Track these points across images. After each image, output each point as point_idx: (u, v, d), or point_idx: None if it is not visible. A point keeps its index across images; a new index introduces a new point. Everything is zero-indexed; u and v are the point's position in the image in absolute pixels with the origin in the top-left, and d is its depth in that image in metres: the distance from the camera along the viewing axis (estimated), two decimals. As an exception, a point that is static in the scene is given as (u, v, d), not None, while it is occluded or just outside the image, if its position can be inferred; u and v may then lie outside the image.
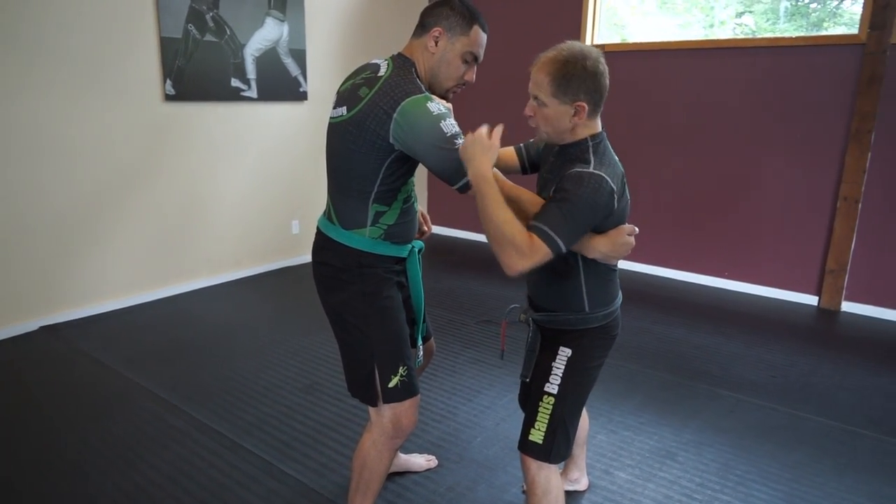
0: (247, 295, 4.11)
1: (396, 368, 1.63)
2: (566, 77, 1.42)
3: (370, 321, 1.63)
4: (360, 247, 1.62)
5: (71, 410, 2.61)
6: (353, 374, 1.68)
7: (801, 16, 4.37)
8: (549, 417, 1.57)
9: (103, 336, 3.37)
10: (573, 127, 1.49)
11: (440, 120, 1.46)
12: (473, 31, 1.57)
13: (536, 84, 1.47)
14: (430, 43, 1.58)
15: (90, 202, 3.57)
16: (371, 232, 1.62)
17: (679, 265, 4.53)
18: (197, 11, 3.84)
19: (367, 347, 1.64)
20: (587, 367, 1.61)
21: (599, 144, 1.51)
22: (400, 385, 1.63)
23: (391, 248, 1.65)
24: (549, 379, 1.59)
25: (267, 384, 2.86)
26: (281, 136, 4.54)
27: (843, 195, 3.81)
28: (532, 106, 1.51)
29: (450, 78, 1.61)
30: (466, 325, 3.59)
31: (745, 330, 3.60)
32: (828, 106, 3.84)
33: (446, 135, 1.45)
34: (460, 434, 2.48)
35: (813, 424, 2.59)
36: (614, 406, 2.70)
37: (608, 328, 1.64)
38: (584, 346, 1.60)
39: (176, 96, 3.83)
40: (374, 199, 1.59)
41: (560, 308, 1.61)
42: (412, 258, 1.74)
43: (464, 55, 1.59)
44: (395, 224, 1.64)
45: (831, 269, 3.90)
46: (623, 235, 1.51)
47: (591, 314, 1.59)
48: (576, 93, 1.44)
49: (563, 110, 1.46)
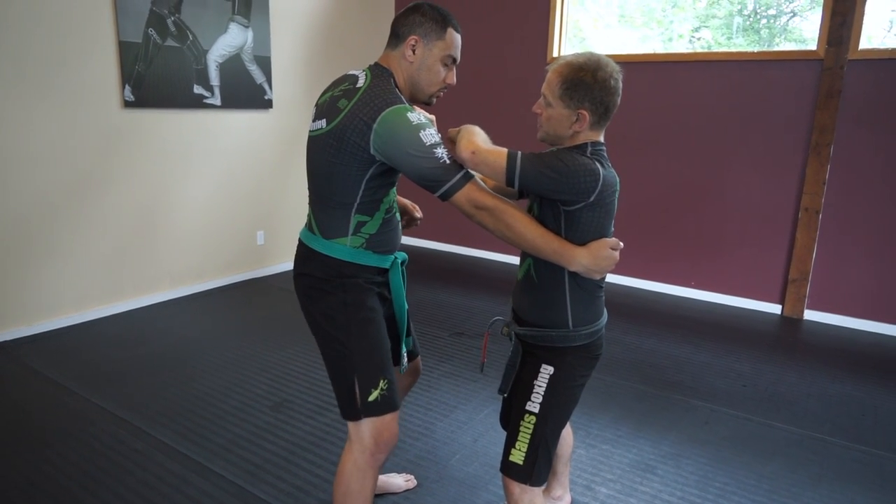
0: (211, 308, 3.97)
1: (377, 382, 1.59)
2: (574, 82, 1.43)
3: (351, 332, 1.59)
4: (341, 256, 1.60)
5: (23, 435, 2.45)
6: (338, 390, 1.63)
7: (754, 31, 4.49)
8: (531, 437, 1.54)
9: (58, 353, 3.20)
10: (573, 134, 1.48)
11: (420, 129, 1.45)
12: (448, 34, 1.58)
13: (547, 83, 1.49)
14: (408, 52, 1.58)
15: (43, 212, 3.40)
16: (352, 241, 1.60)
17: (646, 275, 4.58)
18: (158, 15, 3.71)
19: (348, 359, 1.60)
20: (569, 386, 1.58)
21: (598, 151, 1.49)
22: (380, 399, 1.59)
23: (373, 257, 1.63)
24: (530, 397, 1.56)
25: (235, 403, 2.75)
26: (246, 145, 4.42)
27: (804, 206, 3.91)
28: (540, 104, 1.52)
29: (431, 83, 1.62)
30: (440, 338, 3.54)
31: (713, 339, 3.65)
32: (788, 119, 3.94)
33: (426, 144, 1.44)
34: (438, 451, 2.42)
35: (784, 434, 2.62)
36: (592, 419, 2.68)
37: (591, 347, 1.61)
38: (566, 364, 1.57)
39: (135, 103, 3.69)
40: (356, 210, 1.58)
41: (543, 324, 1.58)
42: (395, 269, 1.71)
43: (443, 59, 1.59)
44: (378, 233, 1.62)
45: (794, 278, 4.00)
46: (606, 248, 1.46)
47: (575, 332, 1.56)
48: (581, 100, 1.44)
49: (566, 115, 1.46)
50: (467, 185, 1.45)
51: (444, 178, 1.45)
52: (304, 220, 1.65)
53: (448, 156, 1.47)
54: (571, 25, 4.85)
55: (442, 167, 1.45)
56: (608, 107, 1.46)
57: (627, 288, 4.58)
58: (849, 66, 3.71)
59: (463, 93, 5.26)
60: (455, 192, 1.45)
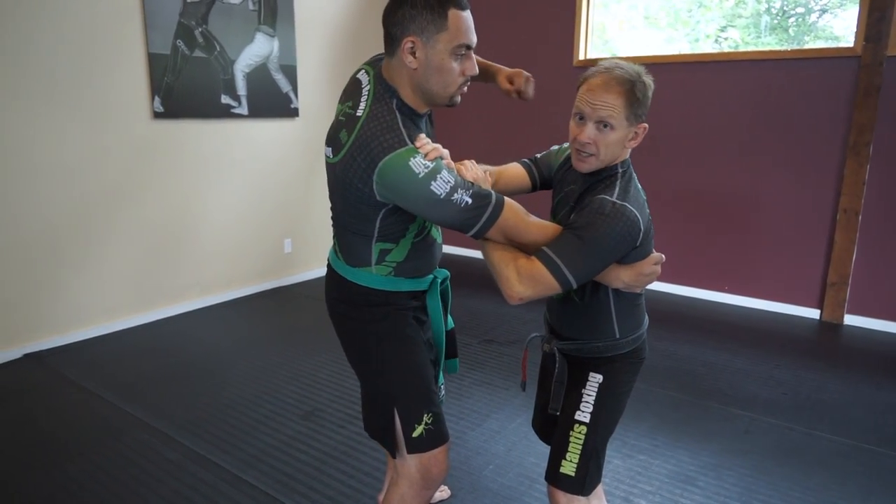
0: (240, 317, 3.99)
1: (420, 416, 1.46)
2: (638, 98, 1.33)
3: (386, 365, 1.47)
4: (368, 283, 1.46)
5: (57, 444, 2.47)
6: (373, 420, 1.53)
7: (782, 29, 4.39)
8: (582, 447, 1.48)
9: (90, 363, 3.23)
10: (622, 152, 1.40)
11: (429, 181, 1.23)
12: (451, 18, 1.27)
13: (607, 105, 1.32)
14: (407, 58, 1.30)
15: (76, 222, 3.44)
16: (377, 270, 1.46)
17: (678, 280, 4.49)
18: (186, 27, 3.75)
19: (386, 394, 1.48)
20: (618, 393, 1.53)
21: (627, 171, 1.43)
22: (425, 434, 1.45)
23: (405, 282, 1.49)
24: (580, 407, 1.50)
25: (266, 412, 2.74)
26: (272, 153, 4.44)
27: (842, 207, 3.80)
28: (591, 133, 1.34)
29: (447, 85, 1.34)
30: (470, 346, 3.49)
31: (750, 345, 3.55)
32: (823, 118, 3.83)
33: (440, 196, 1.24)
34: (471, 462, 2.38)
35: (829, 444, 2.53)
36: (627, 428, 2.61)
37: (637, 351, 1.56)
38: (615, 370, 1.52)
39: (164, 114, 3.72)
40: (377, 239, 1.42)
41: (589, 337, 1.52)
42: (433, 292, 1.55)
43: (453, 52, 1.30)
44: (406, 260, 1.47)
45: (832, 281, 3.88)
46: (649, 266, 1.41)
47: (623, 339, 1.51)
48: (640, 115, 1.36)
49: (626, 135, 1.37)
50: (500, 219, 1.31)
51: (471, 221, 1.29)
52: (330, 228, 1.57)
53: (469, 193, 1.27)
54: (597, 28, 4.80)
55: (465, 211, 1.27)
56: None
57: (660, 293, 4.49)
58: (888, 63, 3.60)
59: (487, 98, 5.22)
60: (487, 229, 1.32)
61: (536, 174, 1.66)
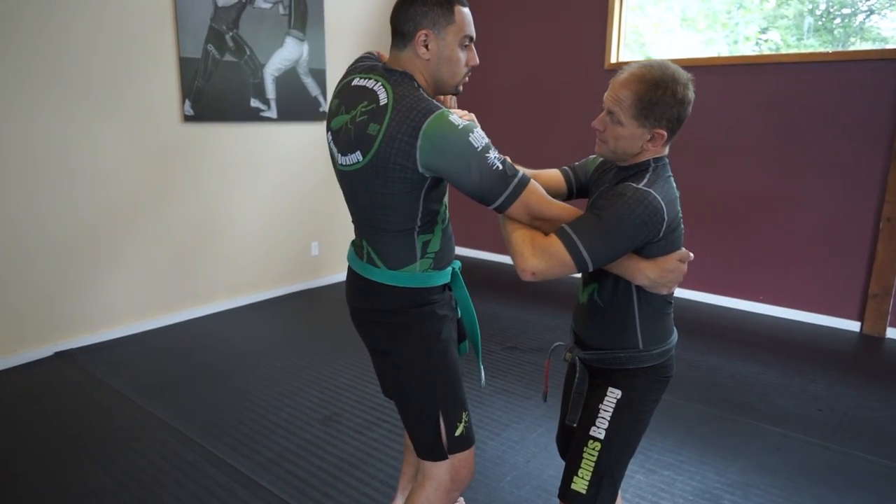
0: (266, 318, 4.02)
1: (461, 415, 1.52)
2: (653, 101, 1.29)
3: (432, 367, 1.50)
4: (412, 283, 1.49)
5: (81, 442, 2.51)
6: (420, 430, 1.53)
7: (827, 31, 4.23)
8: (595, 465, 1.42)
9: (118, 362, 3.28)
10: (641, 151, 1.37)
11: (468, 133, 1.31)
12: (457, 13, 1.40)
13: (617, 100, 1.33)
14: (421, 49, 1.41)
15: (107, 224, 3.51)
16: (421, 265, 1.50)
17: (711, 288, 4.36)
18: (217, 31, 3.80)
19: (432, 396, 1.51)
20: (638, 411, 1.46)
21: (660, 167, 1.38)
22: (465, 433, 1.52)
23: (438, 275, 1.54)
24: (595, 422, 1.44)
25: (285, 415, 2.74)
26: (300, 156, 4.47)
27: (885, 216, 3.63)
28: (604, 120, 1.37)
29: (455, 73, 1.47)
30: (492, 353, 3.45)
31: (784, 358, 3.42)
32: (867, 123, 3.68)
33: (477, 149, 1.31)
34: (489, 472, 2.33)
35: (866, 464, 2.41)
36: (652, 442, 2.54)
37: (663, 368, 1.48)
38: (635, 387, 1.45)
39: (195, 117, 3.77)
40: (419, 232, 1.47)
41: (611, 346, 1.47)
42: (457, 281, 1.62)
43: (460, 42, 1.43)
44: (441, 248, 1.53)
45: (874, 293, 3.72)
46: (674, 262, 1.36)
47: (646, 352, 1.44)
48: (658, 119, 1.31)
49: (639, 133, 1.33)
50: (524, 193, 1.35)
51: (498, 189, 1.34)
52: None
53: (500, 159, 1.35)
54: (631, 31, 4.70)
55: (496, 175, 1.33)
56: (683, 123, 1.35)
57: (690, 302, 4.37)
58: (936, 65, 3.44)
59: (518, 100, 5.17)
60: (511, 202, 1.35)
61: (573, 179, 1.64)
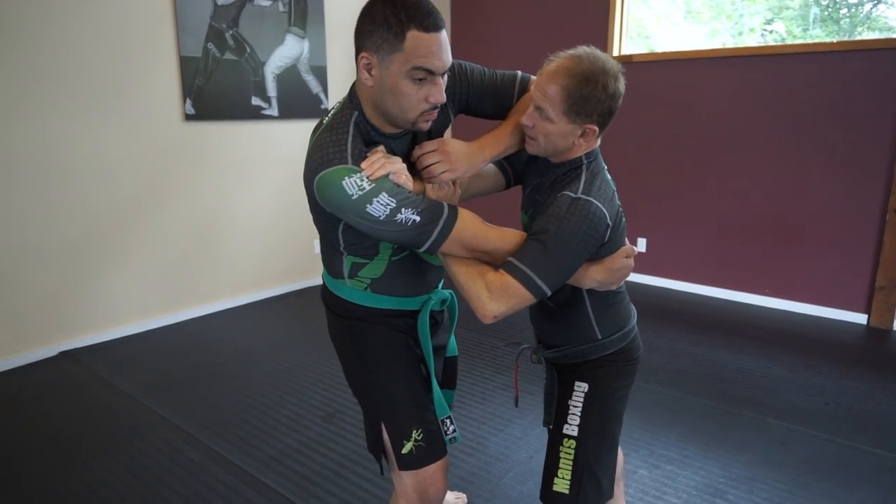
0: (268, 317, 4.02)
1: (409, 433, 1.39)
2: (583, 97, 1.24)
3: (370, 379, 1.43)
4: (349, 297, 1.42)
5: (85, 441, 2.52)
6: (366, 430, 1.50)
7: (833, 21, 4.19)
8: (573, 463, 1.40)
9: (122, 361, 3.29)
10: (573, 147, 1.33)
11: (365, 203, 1.16)
12: (409, 38, 1.14)
13: (545, 96, 1.26)
14: (364, 74, 1.21)
15: (110, 223, 3.52)
16: (352, 284, 1.41)
17: (716, 282, 4.34)
18: (217, 30, 3.79)
19: (373, 411, 1.45)
20: (608, 401, 1.44)
21: (593, 163, 1.35)
22: (416, 450, 1.39)
23: (386, 300, 1.41)
24: (566, 420, 1.42)
25: (288, 413, 2.74)
26: (302, 154, 4.42)
27: (892, 207, 3.60)
28: (533, 116, 1.30)
29: (404, 109, 1.22)
30: (496, 348, 3.44)
31: (790, 351, 3.39)
32: (873, 113, 3.64)
33: (379, 218, 1.17)
34: (491, 468, 2.33)
35: (873, 458, 2.38)
36: (655, 437, 2.52)
37: (627, 352, 1.46)
38: (601, 376, 1.44)
39: (196, 116, 3.77)
40: (345, 251, 1.37)
41: (570, 342, 1.45)
42: (423, 314, 1.45)
43: (409, 75, 1.17)
44: (384, 278, 1.39)
45: (881, 285, 3.68)
46: (620, 260, 1.34)
47: (606, 339, 1.43)
48: (589, 114, 1.26)
49: (570, 130, 1.28)
50: (454, 233, 1.23)
51: (422, 238, 1.21)
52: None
53: (417, 211, 1.19)
54: (634, 24, 4.67)
55: (413, 229, 1.19)
56: (613, 116, 1.31)
57: (695, 295, 4.34)
58: (942, 54, 3.40)
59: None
60: (441, 243, 1.23)
61: (509, 169, 1.58)
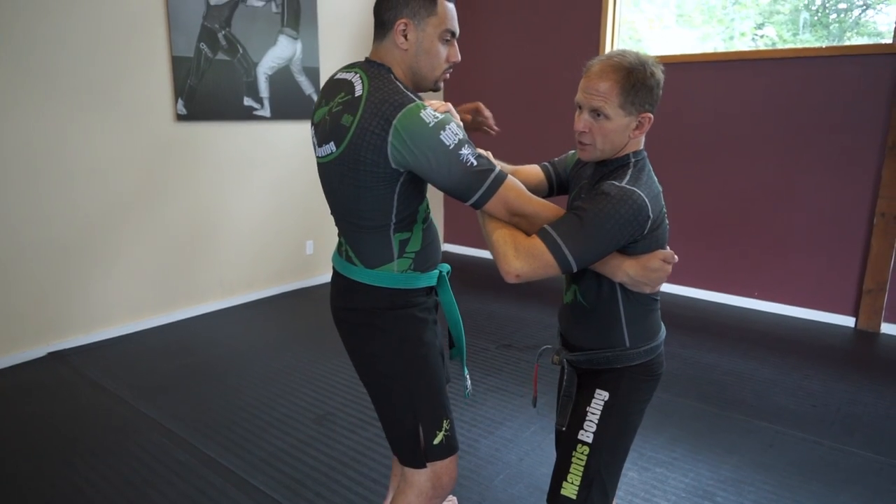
0: (261, 317, 4.01)
1: (441, 423, 1.48)
2: (635, 86, 1.28)
3: (410, 372, 1.47)
4: (392, 284, 1.45)
5: (73, 443, 2.50)
6: (397, 436, 1.51)
7: (822, 26, 4.22)
8: (584, 470, 1.40)
9: (112, 362, 3.27)
10: (628, 142, 1.35)
11: (440, 130, 1.28)
12: (440, 6, 1.38)
13: (599, 94, 1.29)
14: (399, 39, 1.39)
15: (100, 223, 3.50)
16: (399, 265, 1.45)
17: (706, 284, 4.36)
18: (209, 30, 3.78)
19: (409, 403, 1.48)
20: (627, 413, 1.44)
21: (640, 161, 1.38)
22: (444, 441, 1.48)
23: (421, 278, 1.49)
24: (583, 426, 1.42)
25: (278, 415, 2.74)
26: (295, 155, 4.46)
27: (879, 211, 3.63)
28: (587, 121, 1.33)
29: (434, 67, 1.43)
30: (487, 350, 3.45)
31: (779, 354, 3.42)
32: (861, 118, 3.67)
33: (448, 146, 1.28)
34: (482, 471, 2.33)
35: (859, 460, 2.41)
36: (645, 439, 2.53)
37: (652, 366, 1.47)
38: (623, 387, 1.43)
39: (188, 116, 3.76)
40: (394, 230, 1.43)
41: (597, 346, 1.45)
42: (443, 285, 1.57)
43: (441, 36, 1.40)
44: (422, 249, 1.48)
45: (869, 288, 3.72)
46: (657, 261, 1.33)
47: (633, 349, 1.43)
48: (643, 103, 1.30)
49: (626, 123, 1.32)
50: (501, 189, 1.31)
51: (474, 186, 1.30)
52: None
53: (475, 155, 1.31)
54: (626, 27, 4.69)
55: (471, 172, 1.29)
56: (658, 102, 1.34)
57: (685, 298, 4.37)
58: (929, 60, 3.44)
59: (510, 97, 5.16)
60: (488, 199, 1.31)
61: (553, 175, 1.62)
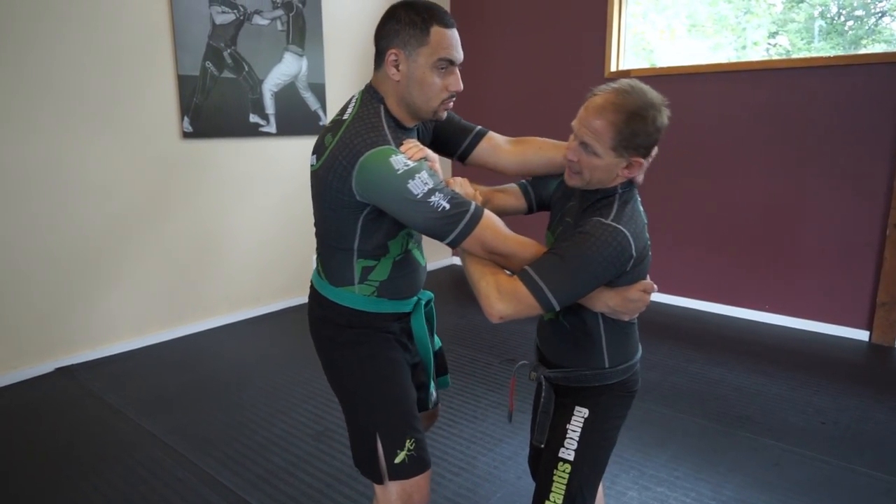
0: (265, 333, 4.02)
1: (403, 442, 1.43)
2: (634, 132, 1.25)
3: (369, 389, 1.46)
4: (352, 304, 1.45)
5: (73, 459, 2.52)
6: (356, 447, 1.50)
7: (838, 34, 4.17)
8: (566, 487, 1.39)
9: (117, 377, 3.30)
10: (615, 178, 1.34)
11: (407, 179, 1.24)
12: (433, 34, 1.32)
13: (593, 132, 1.27)
14: (391, 70, 1.36)
15: (108, 240, 3.54)
16: (360, 290, 1.45)
17: (714, 297, 4.30)
18: (214, 49, 3.83)
19: (369, 418, 1.46)
20: (605, 429, 1.44)
21: (627, 193, 1.36)
22: (408, 460, 1.43)
23: (388, 304, 1.48)
24: (563, 443, 1.42)
25: (278, 431, 2.73)
26: (301, 170, 4.49)
27: (893, 222, 3.56)
28: (577, 151, 1.31)
29: (429, 98, 1.37)
30: (490, 366, 3.42)
31: (789, 369, 3.35)
32: (874, 128, 3.61)
33: (416, 196, 1.24)
34: (479, 489, 2.30)
35: (869, 480, 2.34)
36: (647, 457, 2.49)
37: (628, 383, 1.47)
38: (602, 405, 1.43)
39: (193, 133, 3.81)
40: (357, 255, 1.42)
41: (576, 364, 1.45)
42: (417, 313, 1.54)
43: (434, 66, 1.34)
44: (389, 280, 1.46)
45: (883, 301, 3.63)
46: (637, 292, 1.34)
47: (611, 369, 1.43)
48: (637, 147, 1.28)
49: (616, 163, 1.30)
50: (477, 229, 1.28)
51: (447, 229, 1.27)
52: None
53: (447, 199, 1.26)
54: (636, 38, 4.67)
55: (443, 216, 1.25)
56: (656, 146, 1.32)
57: (693, 311, 4.31)
58: (940, 68, 3.37)
59: (517, 110, 5.16)
60: (463, 239, 1.28)
61: (532, 194, 1.61)
